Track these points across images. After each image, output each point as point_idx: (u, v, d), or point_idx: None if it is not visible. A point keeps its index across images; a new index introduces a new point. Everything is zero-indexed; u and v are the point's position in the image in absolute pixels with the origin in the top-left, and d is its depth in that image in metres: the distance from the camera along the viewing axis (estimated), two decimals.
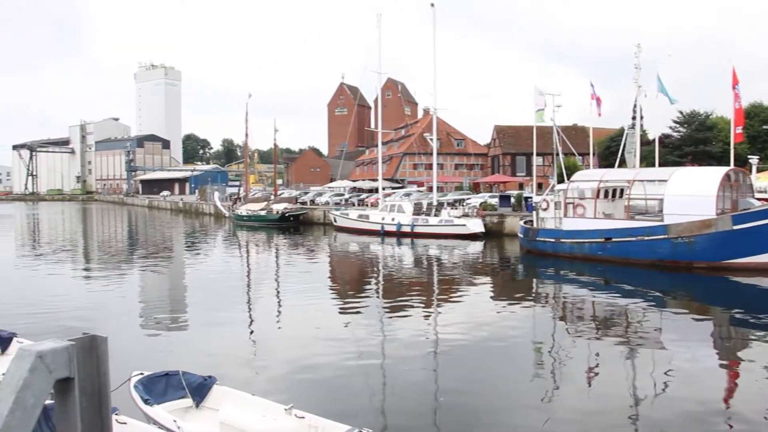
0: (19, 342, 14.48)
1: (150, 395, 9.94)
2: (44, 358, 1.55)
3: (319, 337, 17.16)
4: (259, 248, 45.06)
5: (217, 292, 25.32)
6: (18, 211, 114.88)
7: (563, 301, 23.86)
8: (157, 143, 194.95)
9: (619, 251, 30.13)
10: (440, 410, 11.44)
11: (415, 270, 32.17)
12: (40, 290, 26.11)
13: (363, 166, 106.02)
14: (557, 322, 19.43)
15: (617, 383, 12.69)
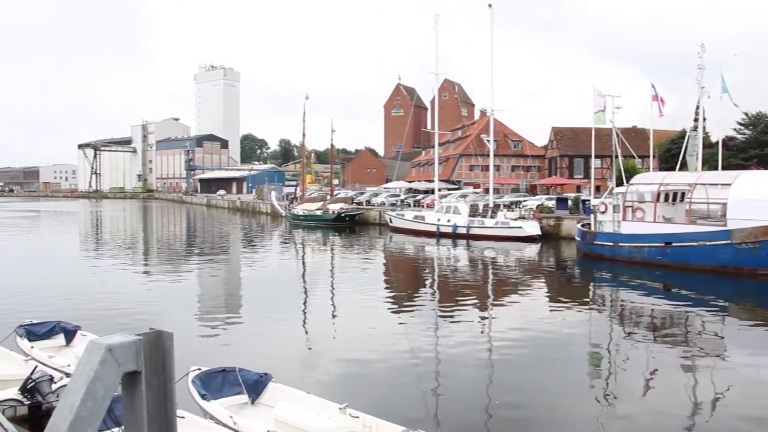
0: (83, 335, 14.92)
1: (207, 390, 10.12)
2: (113, 352, 1.60)
3: (374, 337, 17.22)
4: (314, 248, 45.41)
5: (273, 290, 25.61)
6: (82, 208, 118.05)
7: (621, 306, 23.46)
8: (215, 143, 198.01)
9: (680, 256, 29.47)
10: (494, 414, 11.37)
11: (470, 272, 32.02)
12: (102, 285, 26.80)
13: (419, 167, 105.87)
14: (614, 328, 19.11)
15: (676, 393, 12.42)
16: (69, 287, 25.79)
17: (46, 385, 10.84)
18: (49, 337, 14.75)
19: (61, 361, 13.03)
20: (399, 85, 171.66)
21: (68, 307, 20.45)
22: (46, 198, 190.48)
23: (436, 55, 56.23)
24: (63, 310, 18.93)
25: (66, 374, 11.98)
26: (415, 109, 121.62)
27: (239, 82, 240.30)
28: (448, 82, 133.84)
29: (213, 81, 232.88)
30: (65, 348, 14.55)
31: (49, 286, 26.14)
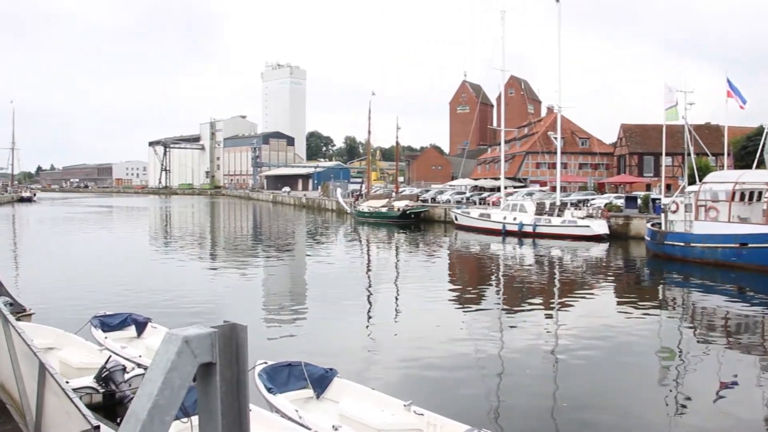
0: (153, 327, 15.30)
1: (273, 384, 10.24)
2: (190, 343, 1.61)
3: (438, 335, 17.17)
4: (379, 245, 45.56)
5: (338, 286, 25.78)
6: (152, 204, 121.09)
7: (692, 309, 22.85)
8: (282, 140, 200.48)
9: (756, 258, 28.50)
10: (560, 417, 11.20)
11: (536, 271, 31.65)
12: (171, 279, 27.43)
13: (485, 165, 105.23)
14: (685, 332, 18.59)
15: (751, 402, 12.00)
16: (140, 280, 26.48)
17: (119, 375, 11.14)
18: (122, 328, 15.19)
19: (132, 351, 13.39)
20: (465, 82, 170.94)
21: (139, 299, 21.01)
22: (118, 194, 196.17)
23: (503, 52, 55.76)
24: (134, 303, 19.47)
25: (137, 365, 12.30)
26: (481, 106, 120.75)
27: (305, 80, 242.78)
28: (514, 79, 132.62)
29: (280, 79, 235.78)
30: (136, 339, 14.95)
31: (121, 278, 26.88)
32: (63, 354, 12.88)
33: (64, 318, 16.71)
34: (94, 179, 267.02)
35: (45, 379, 6.52)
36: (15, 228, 64.49)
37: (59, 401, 6.27)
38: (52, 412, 6.55)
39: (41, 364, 6.56)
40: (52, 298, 21.62)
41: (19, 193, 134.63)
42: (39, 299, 19.54)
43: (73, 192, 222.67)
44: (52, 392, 6.43)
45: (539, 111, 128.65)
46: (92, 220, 73.10)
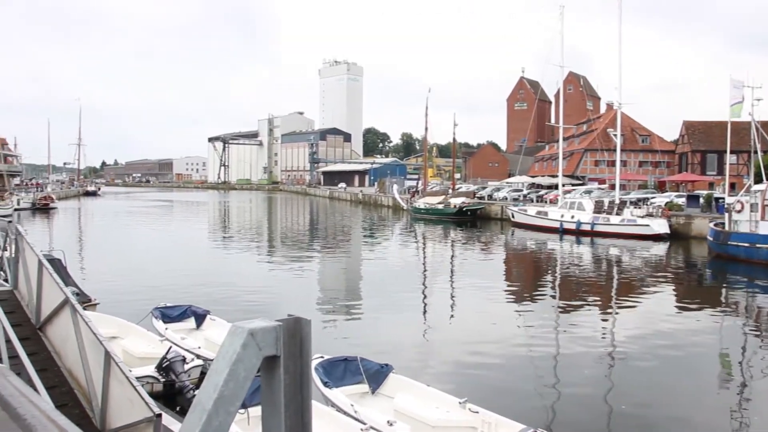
0: (212, 319, 15.60)
1: (329, 378, 10.34)
2: (255, 336, 1.66)
3: (494, 333, 17.10)
4: (435, 241, 45.48)
5: (393, 282, 25.84)
6: (211, 198, 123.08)
7: (756, 311, 22.23)
8: (338, 136, 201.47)
9: None
10: (617, 419, 11.04)
11: (594, 270, 31.19)
12: (229, 273, 27.87)
13: (542, 162, 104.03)
14: (748, 335, 18.11)
15: None
16: (199, 273, 26.98)
17: (179, 365, 11.40)
18: (181, 320, 15.52)
19: (192, 343, 13.67)
20: (522, 79, 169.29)
21: (198, 292, 21.41)
22: (178, 189, 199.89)
23: (561, 47, 55.04)
24: (193, 295, 19.85)
25: (197, 356, 12.55)
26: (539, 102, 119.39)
27: (362, 77, 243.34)
28: (573, 75, 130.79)
29: (337, 76, 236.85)
30: (195, 331, 15.26)
31: (181, 271, 27.44)
32: (126, 343, 13.23)
33: (126, 309, 17.13)
34: (156, 174, 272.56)
35: (110, 367, 6.71)
36: (81, 221, 66.33)
37: (123, 389, 6.45)
38: (116, 399, 6.74)
39: (107, 353, 6.75)
40: (116, 289, 22.19)
41: (85, 187, 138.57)
42: (103, 290, 20.07)
43: (135, 186, 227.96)
44: (117, 380, 6.62)
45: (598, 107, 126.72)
46: (154, 214, 74.71)
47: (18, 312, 10.22)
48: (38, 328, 9.57)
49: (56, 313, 8.78)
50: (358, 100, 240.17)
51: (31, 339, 9.12)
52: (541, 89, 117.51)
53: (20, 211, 67.05)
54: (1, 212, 46.81)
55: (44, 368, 8.21)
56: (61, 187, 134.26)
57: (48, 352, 9.00)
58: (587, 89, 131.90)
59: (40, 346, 9.11)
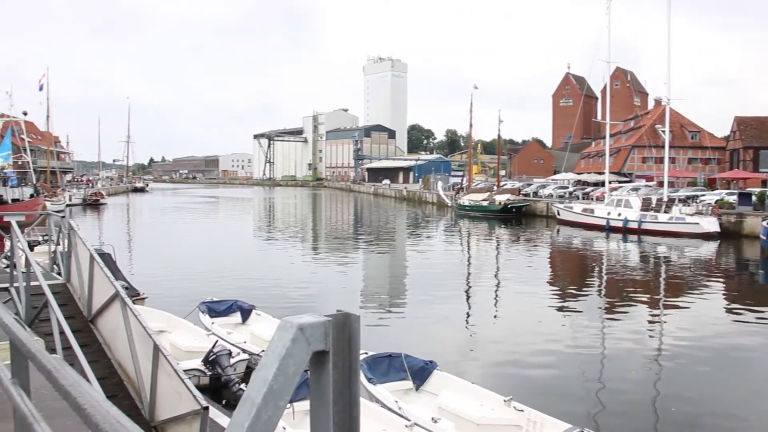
0: (257, 314, 15.76)
1: (373, 374, 10.36)
2: (304, 331, 1.66)
3: (539, 331, 16.96)
4: (480, 238, 45.28)
5: (438, 279, 25.78)
6: (256, 195, 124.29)
7: None
8: (383, 133, 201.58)
9: None
10: (664, 420, 10.85)
11: (641, 269, 30.70)
12: (274, 268, 28.14)
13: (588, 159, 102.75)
14: None
15: None
16: (245, 268, 27.28)
17: (225, 359, 11.54)
18: (227, 315, 15.72)
19: (237, 337, 13.83)
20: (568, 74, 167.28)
21: (244, 287, 21.64)
22: (224, 185, 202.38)
23: (608, 42, 54.16)
24: (239, 290, 20.06)
25: (242, 350, 12.70)
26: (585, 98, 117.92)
27: (406, 73, 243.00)
28: (620, 71, 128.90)
29: (381, 72, 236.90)
30: (241, 325, 15.44)
31: (227, 266, 27.77)
32: (173, 337, 13.43)
33: (173, 303, 17.40)
34: (202, 171, 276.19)
35: (158, 360, 6.82)
36: (129, 217, 67.58)
37: (171, 381, 6.56)
38: (164, 392, 6.85)
39: (155, 346, 6.86)
40: (163, 283, 22.57)
41: (134, 183, 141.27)
42: (151, 284, 20.42)
43: (182, 183, 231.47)
44: (165, 372, 6.72)
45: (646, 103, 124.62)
46: (200, 209, 75.74)
47: (70, 304, 10.45)
48: (89, 320, 9.77)
49: (107, 307, 8.96)
50: (403, 97, 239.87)
51: (83, 331, 9.31)
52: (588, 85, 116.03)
53: (72, 207, 68.62)
54: (54, 208, 47.87)
55: (95, 360, 8.38)
56: (110, 183, 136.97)
57: (99, 344, 9.18)
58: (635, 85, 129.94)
59: (91, 338, 9.31)
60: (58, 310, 8.23)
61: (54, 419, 2.13)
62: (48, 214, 14.73)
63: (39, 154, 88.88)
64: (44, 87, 77.25)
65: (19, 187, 55.66)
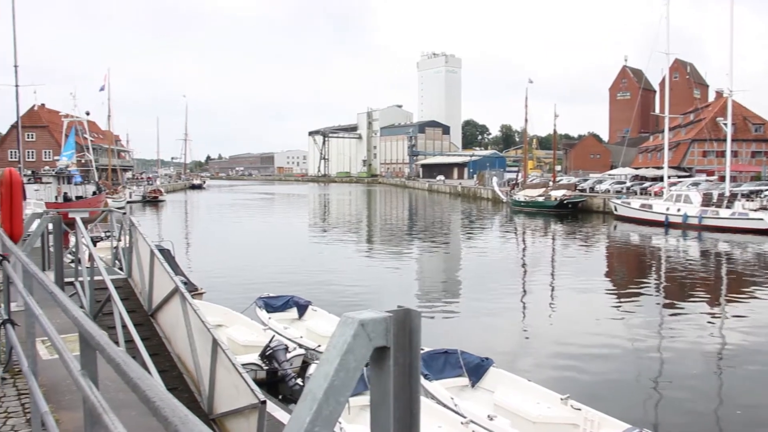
0: (313, 310, 15.91)
1: (429, 370, 10.35)
2: (365, 327, 1.67)
3: (596, 329, 16.72)
4: (535, 234, 44.83)
5: (493, 275, 25.64)
6: (311, 191, 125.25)
7: None
8: (437, 129, 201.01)
9: None
10: (727, 423, 10.59)
11: (701, 266, 29.98)
12: (330, 264, 28.32)
13: (646, 153, 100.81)
14: None
15: None
16: (300, 264, 27.52)
17: (282, 354, 11.67)
18: (284, 310, 15.90)
19: (294, 332, 13.98)
20: (625, 67, 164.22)
21: (300, 282, 21.84)
22: (279, 182, 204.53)
23: (667, 34, 52.97)
24: (295, 285, 20.25)
25: (299, 345, 12.82)
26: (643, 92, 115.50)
27: (461, 68, 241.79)
28: (679, 62, 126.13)
29: (435, 68, 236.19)
30: (298, 321, 15.60)
31: (283, 262, 28.06)
32: (230, 332, 13.64)
33: (231, 298, 17.66)
34: (258, 167, 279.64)
35: (217, 354, 6.94)
36: (187, 213, 68.81)
37: (229, 375, 6.66)
38: (222, 385, 6.96)
39: (214, 340, 6.98)
40: (221, 278, 22.92)
41: (191, 180, 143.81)
42: (209, 279, 20.76)
43: (238, 180, 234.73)
44: (223, 366, 6.83)
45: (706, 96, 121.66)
46: (256, 206, 76.68)
47: (132, 299, 10.70)
48: (150, 314, 9.98)
49: (167, 301, 9.14)
50: (457, 92, 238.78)
51: (144, 325, 9.53)
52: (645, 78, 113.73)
53: (132, 204, 70.16)
54: (115, 205, 49.05)
55: (156, 353, 8.56)
56: (169, 180, 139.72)
57: (159, 337, 9.38)
58: (695, 77, 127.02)
59: (152, 331, 9.51)
60: (121, 304, 8.44)
61: (118, 410, 2.18)
62: (110, 210, 15.08)
63: (101, 153, 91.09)
64: (105, 87, 79.22)
65: (83, 184, 57.19)
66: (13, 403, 5.69)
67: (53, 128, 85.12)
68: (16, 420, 5.28)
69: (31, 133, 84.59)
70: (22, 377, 6.27)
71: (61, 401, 5.60)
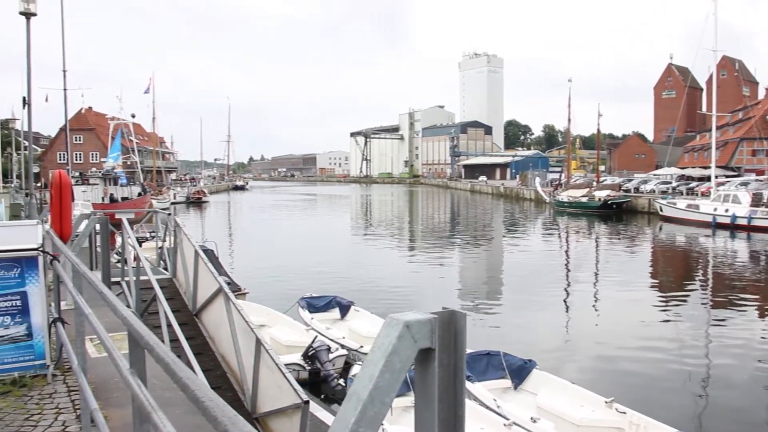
0: (356, 310, 15.96)
1: (471, 372, 10.31)
2: (410, 328, 1.67)
3: (641, 331, 16.48)
4: (579, 235, 44.37)
5: (536, 276, 25.44)
6: (353, 192, 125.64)
7: None
8: (479, 129, 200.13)
9: None
10: None
11: (751, 269, 29.33)
12: (372, 264, 28.40)
13: (693, 153, 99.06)
14: None
15: None
16: (342, 265, 27.64)
17: (324, 354, 11.72)
18: (326, 310, 15.98)
19: (336, 333, 14.04)
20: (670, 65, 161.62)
21: (342, 283, 21.93)
22: (321, 182, 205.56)
23: (715, 30, 51.94)
24: (337, 286, 20.34)
25: (341, 345, 12.87)
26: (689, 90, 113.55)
27: (502, 68, 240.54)
28: (727, 59, 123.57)
29: (476, 68, 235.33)
30: (340, 321, 15.66)
31: (325, 263, 28.18)
32: (273, 332, 13.75)
33: (273, 298, 17.81)
34: (300, 168, 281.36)
35: (260, 354, 6.99)
36: (230, 214, 69.56)
37: (272, 375, 6.71)
38: (266, 385, 7.02)
39: (257, 340, 7.04)
40: (263, 279, 23.12)
41: (234, 181, 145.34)
42: (251, 280, 20.95)
43: (280, 181, 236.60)
44: (267, 366, 6.88)
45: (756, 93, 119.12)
46: (298, 207, 77.18)
47: (176, 299, 10.84)
48: (194, 314, 10.10)
49: (211, 301, 9.24)
50: (499, 92, 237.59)
51: (189, 324, 9.65)
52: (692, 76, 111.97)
53: (176, 205, 71.14)
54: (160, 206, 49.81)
55: (200, 352, 8.66)
56: (212, 181, 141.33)
57: (203, 337, 9.49)
58: (743, 74, 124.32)
59: (196, 331, 9.63)
60: (166, 303, 8.56)
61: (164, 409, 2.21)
62: (155, 211, 15.31)
63: (146, 155, 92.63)
64: (150, 90, 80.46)
65: (128, 186, 58.19)
66: (64, 399, 5.83)
67: (100, 131, 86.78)
68: (67, 416, 5.41)
69: (78, 136, 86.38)
70: (71, 374, 6.41)
71: (109, 399, 5.71)
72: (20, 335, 6.26)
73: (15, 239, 6.34)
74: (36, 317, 6.32)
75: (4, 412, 5.53)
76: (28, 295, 6.29)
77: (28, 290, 6.30)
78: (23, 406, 5.64)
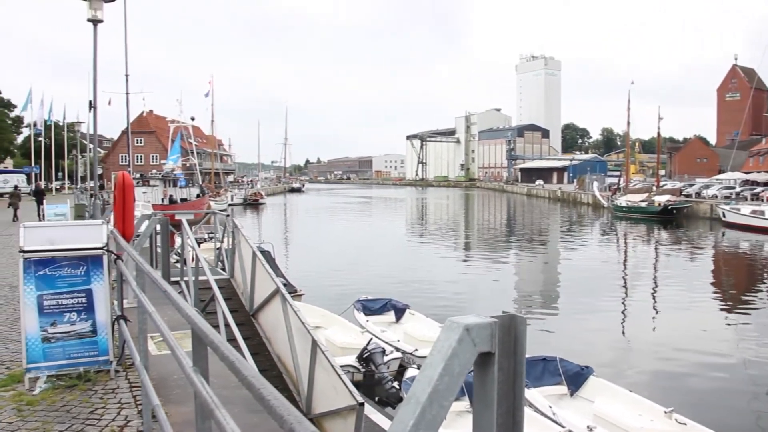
0: (411, 314, 15.96)
1: (527, 377, 10.21)
2: (470, 332, 1.67)
3: (702, 341, 16.11)
4: (638, 241, 43.56)
5: (592, 282, 25.08)
6: (409, 195, 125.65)
7: None
8: (536, 132, 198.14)
9: None
10: None
11: None
12: (427, 268, 28.36)
13: (758, 157, 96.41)
14: None
15: None
16: (398, 268, 27.67)
17: (379, 357, 11.75)
18: (382, 313, 16.02)
19: (391, 336, 14.06)
20: (735, 66, 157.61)
21: (397, 286, 21.96)
22: (377, 185, 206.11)
23: None
24: (393, 289, 20.38)
25: (396, 348, 12.89)
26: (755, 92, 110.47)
27: (560, 71, 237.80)
28: None
29: (534, 71, 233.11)
30: (395, 324, 15.68)
31: (381, 265, 28.28)
32: (329, 333, 13.84)
33: (329, 300, 17.93)
34: (356, 171, 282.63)
35: (316, 355, 7.05)
36: (286, 216, 70.29)
37: (328, 376, 6.76)
38: (321, 386, 7.07)
39: (314, 341, 7.10)
40: (319, 280, 23.30)
41: (290, 184, 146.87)
42: (307, 281, 21.13)
43: (336, 183, 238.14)
44: (322, 367, 6.94)
45: None
46: (354, 210, 77.55)
47: (234, 299, 11.00)
48: (251, 314, 10.24)
49: (268, 302, 9.35)
50: (556, 95, 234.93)
51: (246, 324, 9.78)
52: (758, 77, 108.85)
53: (233, 206, 72.15)
54: (218, 207, 50.64)
55: (257, 352, 8.78)
56: (269, 184, 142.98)
57: (260, 337, 9.61)
58: None
59: (253, 331, 9.76)
60: (224, 303, 8.70)
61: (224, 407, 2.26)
62: (213, 213, 15.56)
63: (204, 157, 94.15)
64: (209, 93, 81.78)
65: (187, 187, 59.26)
66: (126, 395, 5.98)
67: (160, 133, 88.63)
68: (129, 411, 5.55)
69: (140, 138, 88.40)
70: (132, 370, 6.58)
71: (170, 395, 5.83)
72: (85, 331, 6.45)
73: (81, 239, 6.53)
74: (100, 314, 6.50)
75: (71, 404, 5.71)
76: (93, 292, 6.47)
77: (93, 288, 6.48)
78: (88, 400, 5.82)
